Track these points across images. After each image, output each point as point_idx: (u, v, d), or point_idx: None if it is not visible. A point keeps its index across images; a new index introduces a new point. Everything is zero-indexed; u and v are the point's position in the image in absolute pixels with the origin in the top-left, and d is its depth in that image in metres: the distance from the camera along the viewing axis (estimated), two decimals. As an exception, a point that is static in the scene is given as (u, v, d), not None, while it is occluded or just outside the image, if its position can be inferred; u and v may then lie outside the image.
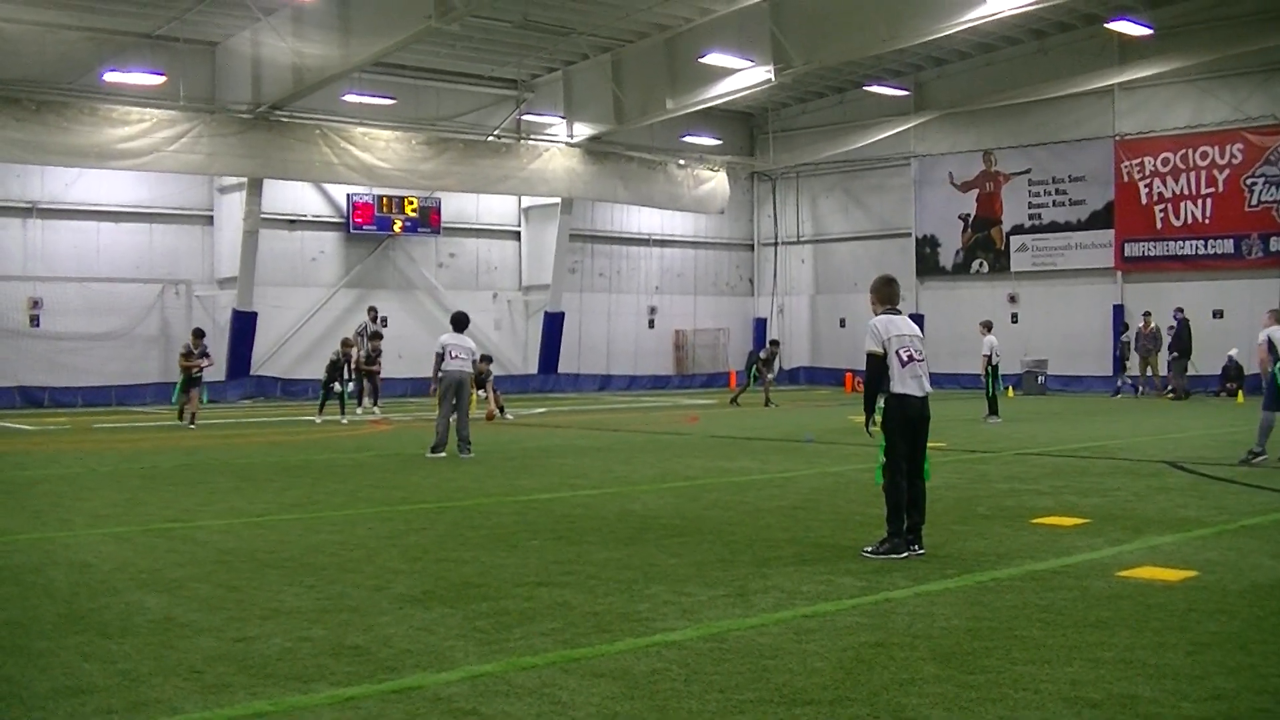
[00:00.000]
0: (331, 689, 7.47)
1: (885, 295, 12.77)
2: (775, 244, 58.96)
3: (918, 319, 52.08)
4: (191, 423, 29.76)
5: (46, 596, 10.32)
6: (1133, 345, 44.43)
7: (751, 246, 59.59)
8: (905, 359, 12.25)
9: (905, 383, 12.22)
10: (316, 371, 43.89)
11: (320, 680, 7.68)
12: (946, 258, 52.92)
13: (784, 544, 12.62)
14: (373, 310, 38.31)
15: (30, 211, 40.54)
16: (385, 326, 37.09)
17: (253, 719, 6.97)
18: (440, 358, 22.34)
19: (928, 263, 53.32)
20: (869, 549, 12.05)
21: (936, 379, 50.74)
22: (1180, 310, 43.24)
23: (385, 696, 7.33)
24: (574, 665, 8.00)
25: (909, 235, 53.93)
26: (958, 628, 8.96)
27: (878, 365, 12.26)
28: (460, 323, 23.34)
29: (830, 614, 9.41)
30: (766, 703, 7.12)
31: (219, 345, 42.74)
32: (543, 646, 8.48)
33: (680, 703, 7.15)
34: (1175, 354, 42.72)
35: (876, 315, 12.61)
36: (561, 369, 50.59)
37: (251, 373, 43.32)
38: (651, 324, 55.07)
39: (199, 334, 31.05)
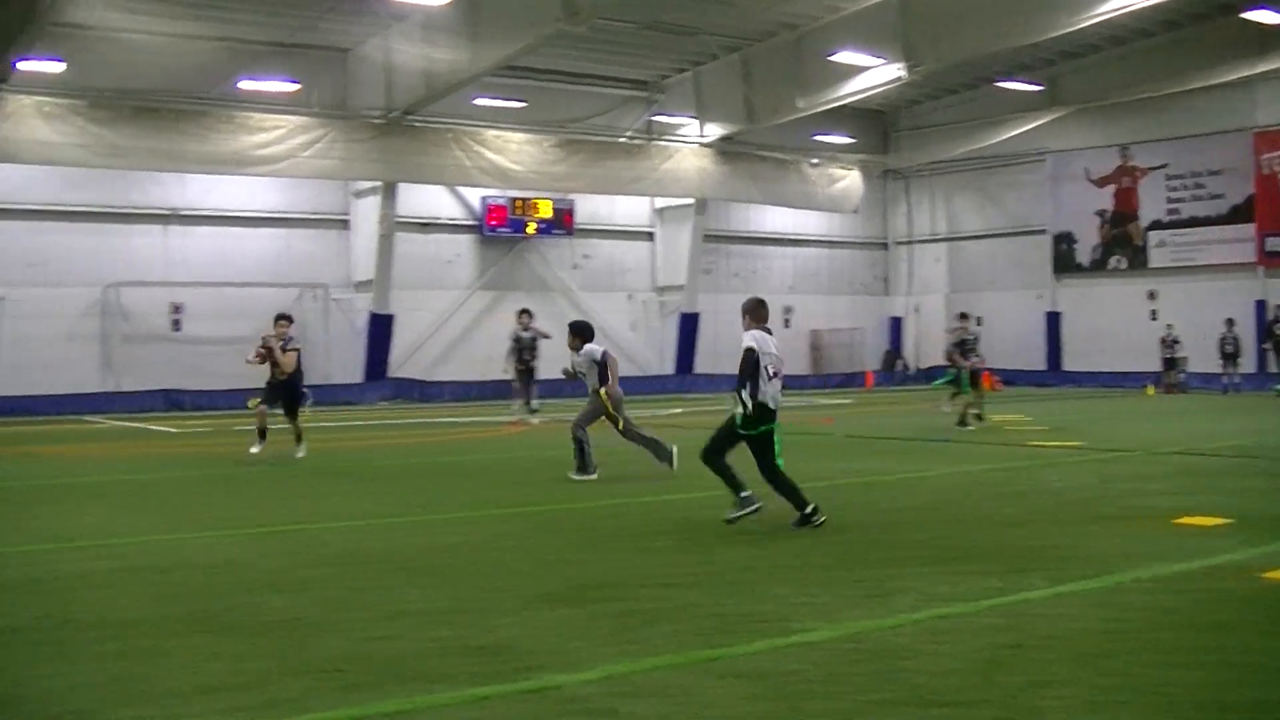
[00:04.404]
0: (463, 689, 7.49)
1: None
2: (909, 242, 58.67)
3: (1054, 317, 51.67)
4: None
5: (176, 596, 10.46)
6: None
7: (885, 245, 59.32)
8: None
9: None
10: (454, 374, 44.35)
11: (451, 680, 7.70)
12: (1083, 254, 52.42)
13: (918, 544, 12.51)
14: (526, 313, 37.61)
15: (170, 218, 41.29)
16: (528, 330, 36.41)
17: (386, 718, 7.01)
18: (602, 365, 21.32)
19: (1064, 260, 52.84)
20: None
21: (1075, 378, 50.47)
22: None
23: (518, 696, 7.34)
24: (707, 665, 7.95)
25: (1044, 233, 53.48)
26: (1093, 629, 8.83)
27: None
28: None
29: (965, 615, 9.30)
30: (901, 704, 7.05)
31: (357, 348, 43.23)
32: (675, 646, 8.45)
33: (814, 703, 7.09)
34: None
35: None
36: (698, 369, 50.53)
37: (389, 375, 43.70)
38: (787, 324, 54.88)
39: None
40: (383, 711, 7.07)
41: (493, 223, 46.19)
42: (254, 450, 21.69)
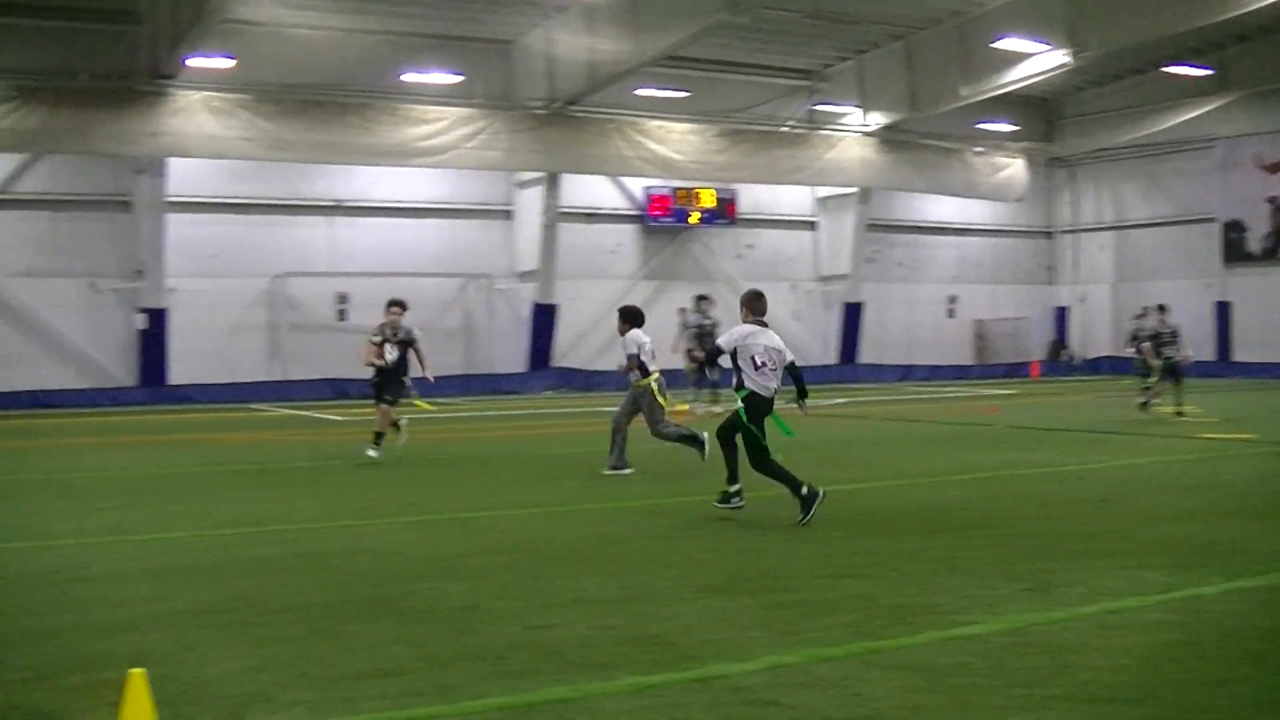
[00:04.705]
0: (632, 677, 7.55)
1: None
2: (1074, 231, 57.93)
3: (1223, 306, 50.75)
4: None
5: (355, 581, 10.66)
6: None
7: (1050, 234, 58.59)
8: None
9: None
10: (617, 363, 44.41)
11: (621, 668, 7.77)
12: (1254, 243, 51.36)
13: (1087, 537, 12.37)
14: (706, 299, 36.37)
15: (336, 210, 41.88)
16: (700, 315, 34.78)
17: (555, 705, 7.07)
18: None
19: (1234, 248, 51.83)
20: None
21: (1245, 369, 49.58)
22: None
23: (685, 685, 7.37)
24: (874, 657, 7.95)
25: (1213, 221, 52.45)
26: (1268, 626, 8.70)
27: None
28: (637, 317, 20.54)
29: (1136, 610, 9.18)
30: (1070, 699, 6.99)
31: (520, 338, 43.58)
32: (843, 638, 8.45)
33: (982, 697, 7.06)
34: None
35: None
36: (862, 359, 50.31)
37: (553, 364, 43.97)
38: (951, 313, 54.52)
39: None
40: (549, 699, 7.16)
41: (655, 213, 46.32)
42: (400, 442, 21.15)
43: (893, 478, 17.63)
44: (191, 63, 35.61)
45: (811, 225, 51.16)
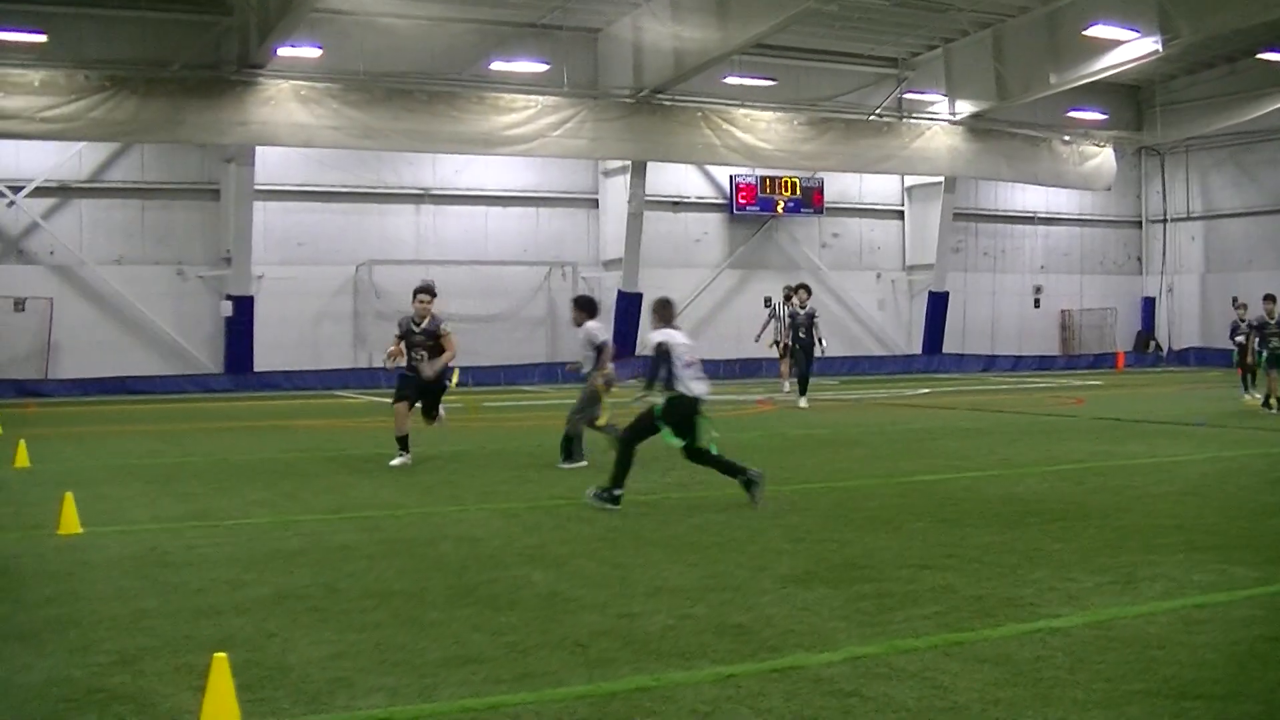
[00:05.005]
0: (713, 666, 7.55)
1: None
2: (1164, 221, 57.34)
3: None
4: None
5: (438, 569, 10.71)
6: None
7: (1139, 224, 58.02)
8: None
9: None
10: (702, 352, 44.41)
11: (702, 657, 7.77)
12: (1348, 233, 50.76)
13: (1173, 531, 12.23)
14: (787, 290, 35.60)
15: (422, 198, 42.15)
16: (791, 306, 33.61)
17: (635, 694, 7.07)
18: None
19: (1326, 239, 51.25)
20: None
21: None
22: None
23: (766, 675, 7.37)
24: (956, 649, 7.91)
25: (1306, 210, 51.89)
26: (1365, 624, 8.59)
27: None
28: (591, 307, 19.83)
29: (1223, 605, 9.07)
30: (1154, 695, 6.91)
31: (605, 326, 43.57)
32: (925, 630, 8.41)
33: (1064, 691, 7.00)
34: None
35: None
36: (946, 349, 50.05)
37: (637, 354, 43.95)
38: (1037, 304, 54.18)
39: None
40: (630, 688, 7.18)
41: (742, 201, 46.25)
42: (395, 463, 18.51)
43: (975, 469, 17.52)
44: (280, 52, 35.97)
45: (898, 214, 50.99)
